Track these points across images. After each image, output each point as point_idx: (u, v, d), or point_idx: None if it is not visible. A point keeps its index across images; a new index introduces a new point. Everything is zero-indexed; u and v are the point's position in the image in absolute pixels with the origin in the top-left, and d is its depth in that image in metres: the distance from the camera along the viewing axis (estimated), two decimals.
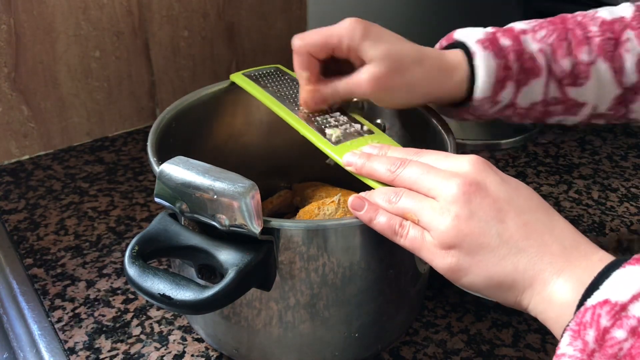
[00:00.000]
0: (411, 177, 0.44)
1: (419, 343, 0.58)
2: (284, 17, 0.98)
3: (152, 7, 0.86)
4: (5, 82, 0.79)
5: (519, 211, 0.41)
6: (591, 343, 0.34)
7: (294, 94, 0.59)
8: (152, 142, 0.53)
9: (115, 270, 0.66)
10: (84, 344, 0.57)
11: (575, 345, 0.35)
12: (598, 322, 0.34)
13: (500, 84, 0.54)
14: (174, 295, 0.41)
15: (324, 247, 0.46)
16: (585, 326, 0.35)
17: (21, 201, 0.77)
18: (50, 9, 0.79)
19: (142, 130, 0.92)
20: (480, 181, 0.41)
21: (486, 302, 0.62)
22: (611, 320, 0.34)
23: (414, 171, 0.44)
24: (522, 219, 0.40)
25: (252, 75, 0.61)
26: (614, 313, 0.34)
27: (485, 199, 0.40)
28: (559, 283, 0.38)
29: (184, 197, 0.43)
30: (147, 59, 0.89)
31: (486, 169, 0.42)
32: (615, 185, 0.81)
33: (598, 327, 0.34)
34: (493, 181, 0.41)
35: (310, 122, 0.55)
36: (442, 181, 0.42)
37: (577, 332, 0.35)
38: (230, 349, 0.55)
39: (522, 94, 0.55)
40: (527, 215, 0.40)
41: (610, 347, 0.34)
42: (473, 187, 0.41)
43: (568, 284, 0.38)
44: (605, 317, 0.34)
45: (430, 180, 0.42)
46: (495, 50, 0.54)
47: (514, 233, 0.40)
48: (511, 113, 0.57)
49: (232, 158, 0.63)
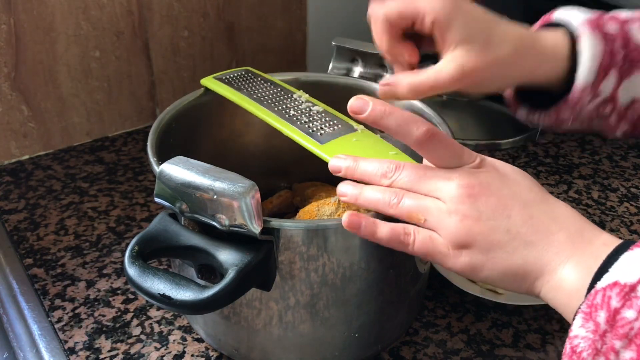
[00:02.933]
0: (410, 180, 0.43)
1: (419, 343, 0.58)
2: (284, 17, 0.98)
3: (152, 7, 0.86)
4: (5, 82, 0.79)
5: (523, 205, 0.41)
6: (602, 324, 0.35)
7: (270, 95, 0.58)
8: (152, 142, 0.53)
9: (115, 270, 0.66)
10: (84, 344, 0.57)
11: (587, 327, 0.36)
12: (608, 303, 0.35)
13: (604, 71, 0.51)
14: (174, 295, 0.41)
15: (324, 247, 0.46)
16: (596, 308, 0.35)
17: (21, 201, 0.77)
18: (50, 9, 0.79)
19: (142, 130, 0.92)
20: (482, 180, 0.42)
21: (486, 302, 0.62)
22: (621, 301, 0.35)
23: (411, 174, 0.43)
24: (527, 213, 0.41)
25: (224, 79, 0.60)
26: (623, 294, 0.35)
27: (490, 197, 0.41)
28: (566, 271, 0.39)
29: (184, 197, 0.43)
30: (147, 59, 0.89)
31: (482, 169, 0.43)
32: (615, 185, 0.81)
33: (609, 308, 0.35)
34: (494, 179, 0.42)
35: (292, 121, 0.53)
36: (444, 182, 0.42)
37: (588, 314, 0.36)
38: (230, 349, 0.55)
39: (624, 87, 0.52)
40: (532, 208, 0.41)
41: (622, 327, 0.34)
42: (477, 187, 0.41)
43: (575, 271, 0.39)
44: (615, 299, 0.35)
45: (430, 182, 0.42)
46: (602, 34, 0.51)
47: (521, 227, 0.41)
48: (609, 111, 0.53)
49: (232, 158, 0.63)
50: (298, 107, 0.56)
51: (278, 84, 0.60)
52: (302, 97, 0.58)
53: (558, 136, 0.92)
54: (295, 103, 0.57)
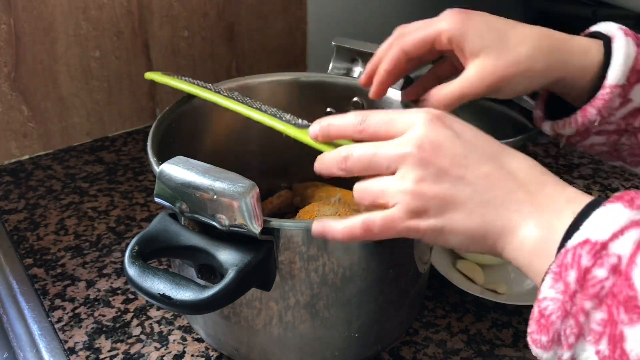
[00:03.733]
0: (376, 128, 0.43)
1: (419, 343, 0.58)
2: (284, 17, 0.98)
3: (152, 7, 0.86)
4: (5, 82, 0.79)
5: (479, 163, 0.40)
6: (572, 284, 0.34)
7: (228, 94, 0.57)
8: (152, 142, 0.53)
9: (115, 270, 0.66)
10: (84, 344, 0.57)
11: (557, 288, 0.34)
12: (579, 262, 0.34)
13: (637, 74, 0.50)
14: (174, 295, 0.41)
15: (324, 247, 0.46)
16: (566, 267, 0.34)
17: (21, 201, 0.77)
18: (50, 9, 0.79)
19: (142, 130, 0.92)
20: (434, 140, 0.40)
21: (486, 302, 0.62)
22: (592, 259, 0.33)
23: (376, 121, 0.43)
24: (483, 171, 0.40)
25: (173, 75, 0.59)
26: (594, 252, 0.34)
27: (443, 158, 0.40)
28: (527, 229, 0.38)
29: (184, 197, 0.43)
30: (147, 59, 0.89)
31: (438, 125, 0.41)
32: (615, 185, 0.81)
33: (579, 267, 0.34)
34: (448, 137, 0.40)
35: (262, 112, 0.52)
36: (397, 148, 0.41)
37: (558, 274, 0.34)
38: (230, 349, 0.55)
39: None
40: (488, 166, 0.40)
41: (592, 286, 0.33)
42: (428, 150, 0.40)
43: (536, 230, 0.38)
44: (585, 257, 0.34)
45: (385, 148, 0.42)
46: (636, 40, 0.50)
47: (476, 187, 0.39)
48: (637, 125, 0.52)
49: (232, 158, 0.63)
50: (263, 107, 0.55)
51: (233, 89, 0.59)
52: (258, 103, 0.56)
53: None
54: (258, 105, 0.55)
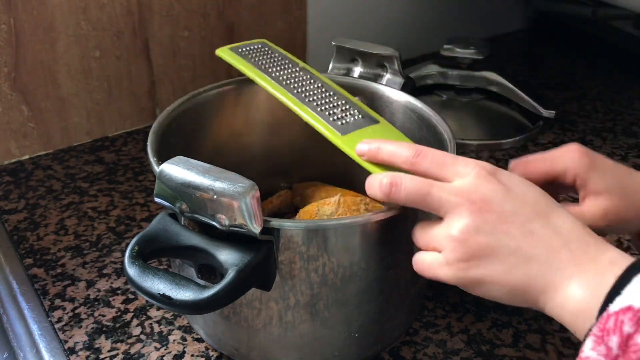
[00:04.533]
0: (429, 167, 0.44)
1: (419, 343, 0.58)
2: (284, 17, 0.98)
3: (152, 7, 0.86)
4: (5, 82, 0.79)
5: (524, 220, 0.41)
6: (615, 349, 0.35)
7: (289, 74, 0.57)
8: (152, 142, 0.53)
9: (115, 270, 0.66)
10: (84, 344, 0.57)
11: (599, 350, 0.35)
12: (621, 328, 0.35)
13: None
14: (174, 295, 0.41)
15: (324, 247, 0.46)
16: (608, 332, 0.35)
17: (21, 201, 0.77)
18: (50, 8, 0.79)
19: (142, 130, 0.92)
20: (484, 195, 0.42)
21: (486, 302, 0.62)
22: (634, 326, 0.34)
23: (430, 160, 0.45)
24: (528, 228, 0.41)
25: (241, 51, 0.58)
26: (636, 319, 0.34)
27: (491, 214, 0.41)
28: (570, 289, 0.39)
29: (184, 197, 0.43)
30: (147, 59, 0.89)
31: (490, 180, 0.42)
32: None
33: (621, 333, 0.35)
34: (497, 193, 0.42)
35: (313, 107, 0.52)
36: (450, 194, 0.42)
37: (600, 337, 0.36)
38: (230, 349, 0.55)
39: None
40: (534, 223, 0.41)
41: (634, 352, 0.34)
42: (477, 204, 0.41)
43: (579, 291, 0.39)
44: (628, 324, 0.35)
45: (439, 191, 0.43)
46: None
47: (521, 243, 0.41)
48: None
49: (232, 158, 0.63)
50: (318, 90, 0.54)
51: (296, 62, 0.59)
52: (322, 80, 0.55)
53: (558, 136, 0.92)
54: (315, 86, 0.55)
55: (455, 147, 0.53)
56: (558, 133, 0.93)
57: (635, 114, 0.98)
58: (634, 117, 0.97)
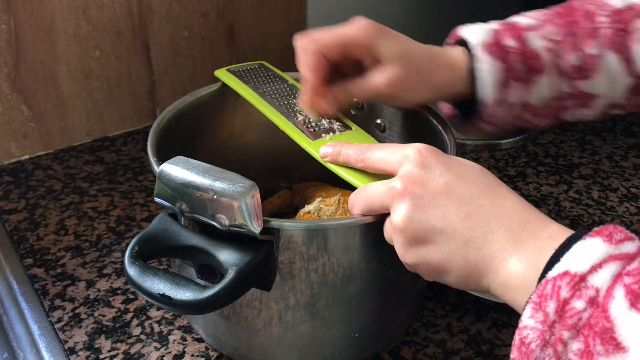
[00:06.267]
0: (374, 163, 0.47)
1: (419, 343, 0.58)
2: (284, 17, 0.98)
3: (152, 7, 0.86)
4: (5, 82, 0.79)
5: (460, 202, 0.41)
6: (552, 314, 0.35)
7: (276, 90, 0.59)
8: (152, 142, 0.53)
9: (115, 270, 0.66)
10: (84, 344, 0.57)
11: (537, 317, 0.35)
12: (558, 293, 0.35)
13: (505, 85, 0.54)
14: (174, 295, 0.41)
15: (324, 247, 0.46)
16: (546, 298, 0.35)
17: (21, 201, 0.77)
18: (50, 9, 0.79)
19: (142, 130, 0.92)
20: (417, 178, 0.42)
21: (486, 302, 0.62)
22: (571, 291, 0.34)
23: (375, 158, 0.47)
24: (464, 210, 0.40)
25: (236, 72, 0.62)
26: (573, 284, 0.34)
27: (423, 198, 0.41)
28: (510, 267, 0.39)
29: (184, 197, 0.43)
30: (147, 59, 0.89)
31: (426, 162, 0.42)
32: (615, 185, 0.81)
33: (558, 298, 0.34)
34: (432, 175, 0.42)
35: (290, 117, 0.56)
36: (386, 188, 0.43)
37: (538, 304, 0.35)
38: (230, 349, 0.55)
39: (533, 93, 0.55)
40: (470, 205, 0.41)
41: (570, 317, 0.34)
42: (409, 188, 0.42)
43: (519, 266, 0.38)
44: (565, 289, 0.34)
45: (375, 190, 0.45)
46: (498, 53, 0.54)
47: (457, 226, 0.40)
48: (529, 116, 0.56)
49: (232, 158, 0.63)
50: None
51: (287, 80, 0.62)
52: None
53: (558, 136, 0.92)
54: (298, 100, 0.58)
55: (455, 147, 0.53)
56: (558, 133, 0.93)
57: (635, 113, 0.98)
58: (634, 117, 0.97)
